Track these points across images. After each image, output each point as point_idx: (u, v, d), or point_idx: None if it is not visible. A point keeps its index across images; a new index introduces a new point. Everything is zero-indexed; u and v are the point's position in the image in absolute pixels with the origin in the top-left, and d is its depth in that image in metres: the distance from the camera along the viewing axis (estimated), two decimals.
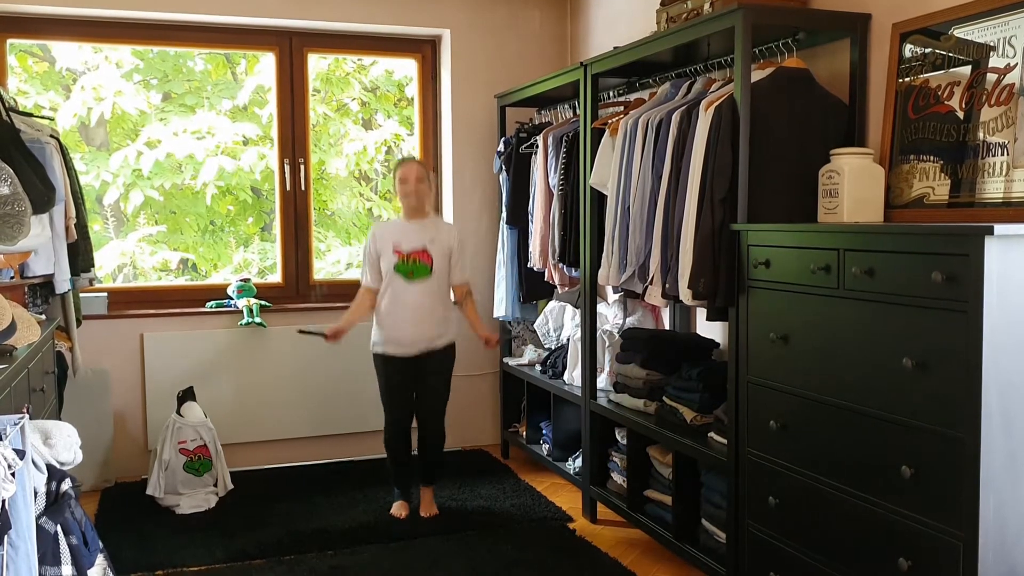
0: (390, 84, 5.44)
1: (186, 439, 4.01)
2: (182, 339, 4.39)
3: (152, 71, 5.03)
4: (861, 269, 2.18)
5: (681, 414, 3.17)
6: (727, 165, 2.69)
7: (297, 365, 4.55)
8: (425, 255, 3.63)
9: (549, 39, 4.90)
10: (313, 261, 4.80)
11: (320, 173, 5.16)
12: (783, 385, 2.51)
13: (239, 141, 5.04)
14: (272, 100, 4.72)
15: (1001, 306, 1.86)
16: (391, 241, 3.65)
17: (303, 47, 4.67)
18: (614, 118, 3.54)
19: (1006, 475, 1.90)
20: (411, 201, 3.66)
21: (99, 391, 4.19)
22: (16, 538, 1.75)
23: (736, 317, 2.70)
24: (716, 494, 2.99)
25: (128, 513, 3.86)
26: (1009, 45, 2.35)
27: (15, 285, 3.25)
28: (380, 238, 3.68)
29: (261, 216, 5.31)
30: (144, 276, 5.02)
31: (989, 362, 1.87)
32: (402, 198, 3.70)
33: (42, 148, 3.26)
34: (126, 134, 5.00)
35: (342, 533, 3.61)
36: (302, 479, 4.36)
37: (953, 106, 2.51)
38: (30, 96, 4.64)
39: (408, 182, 3.65)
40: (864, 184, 2.63)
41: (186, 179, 5.00)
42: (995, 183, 2.37)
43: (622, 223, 3.25)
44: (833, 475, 2.32)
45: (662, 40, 3.14)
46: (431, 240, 3.65)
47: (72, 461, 2.13)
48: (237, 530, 3.65)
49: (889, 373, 2.11)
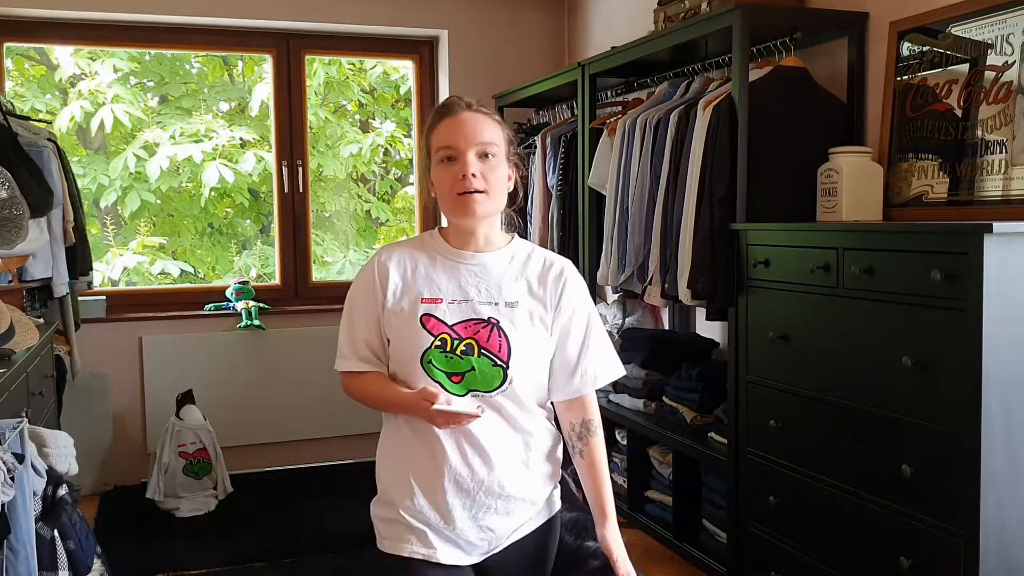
0: (387, 85, 5.44)
1: (185, 442, 4.00)
2: (181, 342, 4.38)
3: (148, 74, 5.02)
4: (860, 268, 2.18)
5: (681, 414, 3.17)
6: (726, 164, 2.69)
7: (296, 367, 4.54)
8: (495, 336, 1.65)
9: (547, 39, 4.89)
10: (312, 264, 4.79)
11: (318, 175, 5.15)
12: (783, 385, 2.51)
13: (236, 145, 5.04)
14: (270, 102, 4.72)
15: (1001, 304, 1.86)
16: (415, 290, 1.68)
17: (300, 49, 4.67)
18: (612, 118, 3.54)
19: (1006, 474, 1.90)
20: (471, 205, 1.64)
21: (98, 394, 4.18)
22: (16, 543, 1.74)
23: (736, 317, 2.70)
24: (716, 494, 2.99)
25: (128, 516, 3.85)
26: (1007, 43, 2.35)
27: (13, 289, 3.24)
28: (391, 277, 1.70)
29: (259, 218, 5.31)
30: (144, 277, 5.00)
31: (989, 360, 1.86)
32: (448, 194, 1.66)
33: (40, 151, 3.25)
34: (123, 137, 5.00)
35: (342, 535, 3.60)
36: (302, 482, 4.35)
37: (951, 104, 2.51)
38: (27, 100, 4.63)
39: (463, 151, 1.63)
40: (863, 183, 2.62)
41: (183, 182, 4.99)
42: (994, 181, 2.37)
43: (621, 223, 3.25)
44: (833, 474, 2.31)
45: (660, 40, 3.13)
46: (511, 298, 1.69)
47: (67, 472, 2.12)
48: (237, 533, 3.64)
49: (889, 372, 2.10)
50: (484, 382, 1.63)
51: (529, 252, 1.75)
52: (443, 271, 1.69)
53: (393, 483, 1.72)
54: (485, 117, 1.66)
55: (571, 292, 1.72)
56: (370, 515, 1.79)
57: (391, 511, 1.71)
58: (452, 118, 1.65)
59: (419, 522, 1.67)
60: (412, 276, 1.69)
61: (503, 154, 1.67)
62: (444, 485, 1.65)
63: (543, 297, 1.70)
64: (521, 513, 1.71)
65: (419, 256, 1.71)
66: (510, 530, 1.71)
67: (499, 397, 1.64)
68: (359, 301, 1.71)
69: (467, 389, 1.63)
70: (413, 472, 1.68)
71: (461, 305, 1.65)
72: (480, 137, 1.63)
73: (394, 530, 1.71)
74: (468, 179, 1.61)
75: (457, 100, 1.68)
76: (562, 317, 1.71)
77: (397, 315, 1.66)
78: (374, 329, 1.69)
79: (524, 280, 1.70)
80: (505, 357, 1.63)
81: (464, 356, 1.62)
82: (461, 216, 1.66)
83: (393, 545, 1.70)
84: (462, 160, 1.62)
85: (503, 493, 1.67)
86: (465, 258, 1.69)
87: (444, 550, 1.68)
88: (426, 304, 1.65)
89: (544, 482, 1.75)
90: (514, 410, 1.66)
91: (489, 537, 1.70)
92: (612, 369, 1.77)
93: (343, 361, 1.72)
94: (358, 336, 1.70)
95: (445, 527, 1.67)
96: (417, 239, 1.77)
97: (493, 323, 1.65)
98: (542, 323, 1.69)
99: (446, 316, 1.64)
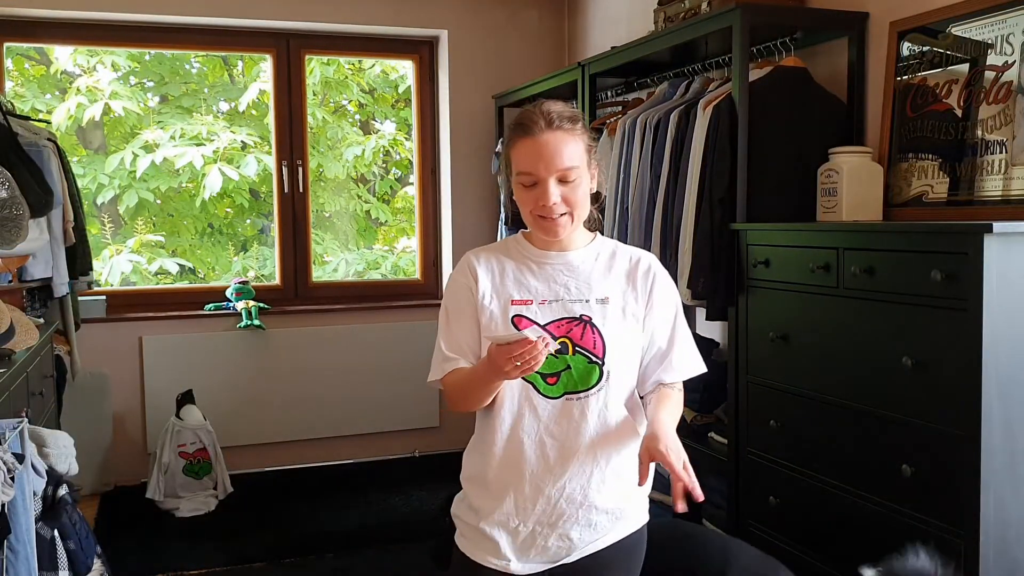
0: (387, 85, 5.44)
1: (185, 442, 4.00)
2: (181, 342, 4.38)
3: (148, 74, 5.02)
4: (860, 268, 2.18)
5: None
6: (726, 164, 2.69)
7: (296, 367, 4.55)
8: (588, 333, 1.64)
9: (547, 39, 4.89)
10: (312, 264, 4.79)
11: (318, 175, 5.15)
12: (783, 385, 2.51)
13: (236, 147, 5.03)
14: (269, 101, 4.72)
15: (1001, 304, 1.86)
16: (505, 293, 1.68)
17: (300, 49, 4.67)
18: (612, 118, 3.54)
19: (1006, 474, 1.90)
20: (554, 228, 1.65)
21: (98, 394, 4.18)
22: (16, 543, 1.74)
23: (736, 317, 2.70)
24: (716, 494, 2.98)
25: (128, 517, 3.85)
26: (1007, 43, 2.35)
27: (13, 289, 3.24)
28: (480, 279, 1.69)
29: (259, 218, 5.31)
30: (143, 277, 5.01)
31: (989, 360, 1.86)
32: (531, 215, 1.66)
33: (40, 151, 3.26)
34: (123, 137, 5.00)
35: (342, 536, 3.60)
36: (302, 481, 4.35)
37: (951, 104, 2.51)
38: (27, 100, 4.63)
39: (544, 179, 1.61)
40: (863, 183, 2.62)
41: (183, 182, 4.99)
42: (994, 181, 2.37)
43: (620, 223, 3.25)
44: (833, 474, 2.31)
45: (660, 40, 3.13)
46: (602, 294, 1.68)
47: (67, 472, 2.12)
48: (237, 533, 3.64)
49: (889, 372, 2.10)
50: (580, 380, 1.62)
51: (614, 248, 1.74)
52: (531, 273, 1.69)
53: (474, 484, 1.72)
54: (565, 135, 1.61)
55: (660, 286, 1.71)
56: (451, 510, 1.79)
57: (470, 514, 1.71)
58: (531, 140, 1.60)
59: (496, 528, 1.66)
60: (501, 279, 1.68)
61: (584, 166, 1.64)
62: (525, 490, 1.64)
63: (634, 292, 1.69)
64: (603, 525, 1.67)
65: (506, 260, 1.71)
66: (589, 541, 1.67)
67: (593, 397, 1.63)
68: (454, 304, 1.70)
69: (563, 391, 1.62)
70: (494, 474, 1.66)
71: (552, 305, 1.65)
72: (561, 163, 1.59)
73: (471, 532, 1.71)
74: (549, 207, 1.60)
75: (535, 117, 1.62)
76: (653, 311, 1.69)
77: (490, 318, 1.65)
78: (473, 331, 1.66)
79: (613, 276, 1.69)
80: (600, 353, 1.62)
81: (559, 355, 1.60)
82: (545, 235, 1.67)
83: (469, 547, 1.71)
84: (543, 187, 1.60)
85: (585, 502, 1.64)
86: (551, 258, 1.69)
87: (518, 561, 1.66)
88: (517, 306, 1.65)
89: (630, 493, 1.69)
90: (606, 412, 1.64)
91: (568, 546, 1.66)
92: (697, 363, 1.74)
93: (437, 369, 1.68)
94: (455, 339, 1.67)
95: (522, 534, 1.65)
96: (502, 243, 1.76)
97: (586, 320, 1.63)
98: (634, 318, 1.67)
99: (538, 316, 1.64)
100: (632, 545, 1.73)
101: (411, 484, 4.23)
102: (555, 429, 1.62)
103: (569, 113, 1.64)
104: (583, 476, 1.63)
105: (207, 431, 4.06)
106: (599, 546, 1.68)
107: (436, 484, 4.15)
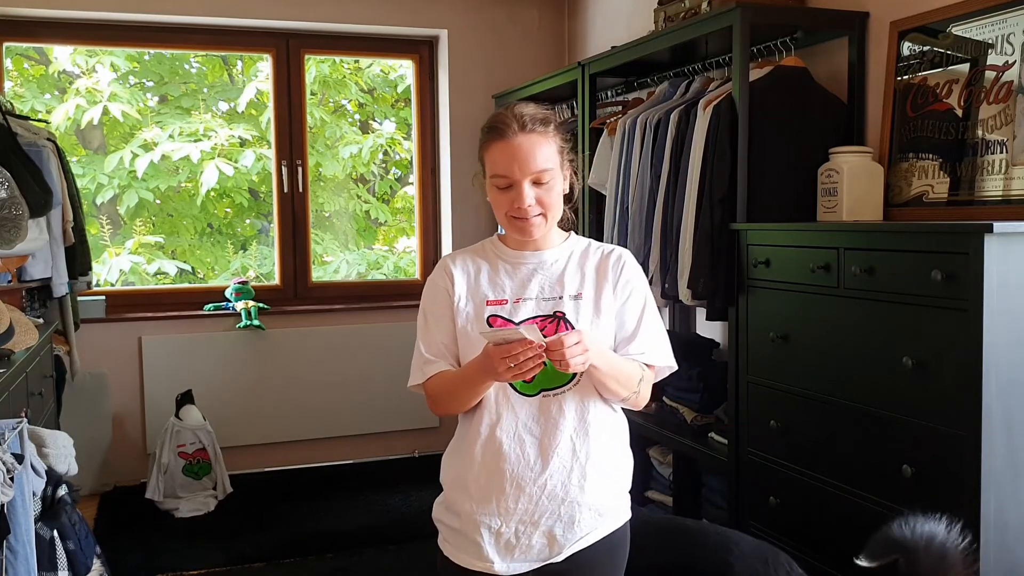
0: (386, 84, 5.43)
1: (185, 442, 4.00)
2: (180, 342, 4.38)
3: (148, 74, 5.02)
4: (861, 268, 2.18)
5: (681, 414, 3.17)
6: (726, 164, 2.68)
7: (296, 368, 4.54)
8: (561, 329, 1.65)
9: (547, 39, 4.89)
10: (311, 264, 4.79)
11: (317, 175, 5.15)
12: (783, 385, 2.50)
13: (236, 143, 5.03)
14: (268, 101, 4.72)
15: (1001, 304, 1.86)
16: (480, 294, 1.71)
17: (300, 49, 4.66)
18: (612, 118, 3.54)
19: (1007, 474, 1.90)
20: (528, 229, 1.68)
21: (97, 395, 4.18)
22: (15, 543, 1.74)
23: (736, 317, 2.70)
24: (716, 494, 2.98)
25: (127, 517, 3.85)
26: (1007, 42, 2.35)
27: (13, 289, 3.24)
28: (456, 281, 1.73)
29: (259, 218, 5.30)
30: (142, 279, 5.00)
31: (989, 360, 1.86)
32: (505, 216, 1.69)
33: (39, 151, 3.26)
34: (123, 137, 4.99)
35: (342, 536, 3.60)
36: (301, 482, 4.35)
37: (952, 104, 2.51)
38: (26, 99, 4.63)
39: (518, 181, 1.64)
40: (863, 183, 2.62)
41: (182, 181, 4.99)
42: (994, 181, 2.37)
43: (620, 223, 3.25)
44: (834, 475, 2.31)
45: (660, 39, 3.13)
46: (575, 291, 1.70)
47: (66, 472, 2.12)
48: (237, 533, 3.64)
49: (889, 372, 2.10)
50: (555, 376, 1.63)
51: (587, 245, 1.77)
52: (505, 273, 1.72)
53: (454, 485, 1.72)
54: (538, 138, 1.63)
55: (629, 273, 1.73)
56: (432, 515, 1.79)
57: (451, 516, 1.72)
58: (504, 143, 1.62)
59: (478, 530, 1.66)
60: (476, 280, 1.71)
61: (557, 168, 1.66)
62: (506, 489, 1.64)
63: (605, 283, 1.70)
64: (586, 522, 1.67)
65: (481, 261, 1.74)
66: (573, 539, 1.67)
67: (570, 393, 1.65)
68: (431, 308, 1.73)
69: (539, 388, 1.65)
70: (475, 476, 1.67)
71: (526, 303, 1.68)
72: (534, 166, 1.62)
73: (453, 536, 1.72)
74: (524, 209, 1.63)
75: (508, 120, 1.63)
76: (621, 295, 1.71)
77: (465, 319, 1.68)
78: (451, 332, 1.69)
79: (585, 272, 1.72)
80: None
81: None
82: (519, 235, 1.70)
83: (453, 551, 1.72)
84: (518, 189, 1.63)
85: (567, 498, 1.64)
86: (526, 258, 1.72)
87: (502, 562, 1.66)
88: (492, 306, 1.68)
89: (613, 489, 1.72)
90: (584, 408, 1.66)
91: (551, 544, 1.67)
92: (665, 353, 1.76)
93: (417, 373, 1.70)
94: (434, 341, 1.70)
95: (505, 534, 1.65)
96: (478, 246, 1.79)
97: (559, 317, 1.67)
98: (608, 312, 1.69)
99: (512, 315, 1.66)
100: (616, 543, 1.73)
101: (411, 484, 4.23)
102: (534, 426, 1.64)
103: (542, 116, 1.66)
104: (564, 472, 1.64)
105: (206, 431, 4.06)
106: (583, 544, 1.68)
107: (436, 484, 4.13)
